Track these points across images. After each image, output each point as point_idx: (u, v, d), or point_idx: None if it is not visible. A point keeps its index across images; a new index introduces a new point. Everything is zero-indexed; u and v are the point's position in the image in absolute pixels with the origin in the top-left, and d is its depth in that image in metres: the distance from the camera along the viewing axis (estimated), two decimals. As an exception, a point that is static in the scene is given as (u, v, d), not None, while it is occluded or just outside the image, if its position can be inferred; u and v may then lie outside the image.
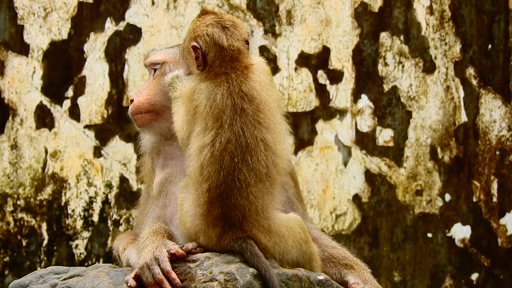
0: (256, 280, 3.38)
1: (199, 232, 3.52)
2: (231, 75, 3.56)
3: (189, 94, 3.60)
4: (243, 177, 3.45)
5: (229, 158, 3.46)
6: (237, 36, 3.63)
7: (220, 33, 3.61)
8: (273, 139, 3.52)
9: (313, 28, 5.87)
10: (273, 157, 3.51)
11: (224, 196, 3.45)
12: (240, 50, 3.62)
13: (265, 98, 3.56)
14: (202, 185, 3.48)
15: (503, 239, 5.77)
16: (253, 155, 3.47)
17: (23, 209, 5.83)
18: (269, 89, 3.60)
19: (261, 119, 3.52)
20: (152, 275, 3.41)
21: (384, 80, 5.85)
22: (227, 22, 3.64)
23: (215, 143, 3.48)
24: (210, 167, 3.47)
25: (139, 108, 4.01)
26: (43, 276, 3.65)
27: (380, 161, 5.82)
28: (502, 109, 5.81)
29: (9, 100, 5.89)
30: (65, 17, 5.91)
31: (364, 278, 3.81)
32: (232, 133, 3.48)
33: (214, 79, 3.57)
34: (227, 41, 3.60)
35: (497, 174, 5.79)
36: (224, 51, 3.60)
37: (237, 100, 3.51)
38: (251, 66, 3.61)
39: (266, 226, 3.48)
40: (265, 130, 3.51)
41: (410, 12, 5.85)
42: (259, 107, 3.53)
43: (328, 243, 3.93)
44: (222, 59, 3.60)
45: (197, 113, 3.55)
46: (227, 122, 3.49)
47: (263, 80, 3.60)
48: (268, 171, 3.49)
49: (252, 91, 3.54)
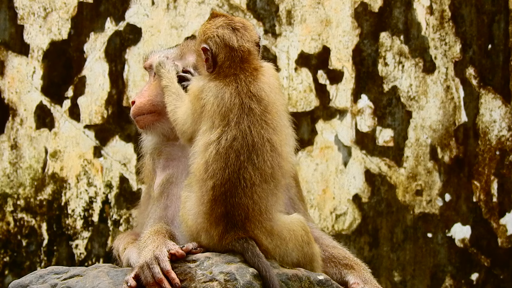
0: (256, 280, 3.38)
1: (201, 231, 3.52)
2: (240, 76, 3.58)
3: (197, 93, 3.61)
4: (249, 176, 3.45)
5: (235, 156, 3.46)
6: (248, 37, 3.65)
7: (230, 34, 3.63)
8: (280, 141, 3.53)
9: (313, 28, 5.87)
10: (279, 159, 3.52)
11: (228, 194, 3.45)
12: (250, 52, 3.63)
13: (273, 100, 3.58)
14: (206, 183, 3.48)
15: (503, 239, 5.77)
16: (259, 155, 3.47)
17: (23, 209, 5.83)
18: (277, 92, 3.62)
19: (269, 120, 3.53)
20: (152, 275, 3.41)
21: (384, 80, 5.85)
22: (237, 24, 3.66)
23: (221, 140, 3.48)
24: (215, 164, 3.47)
25: (141, 109, 4.01)
26: (43, 276, 3.65)
27: (380, 161, 5.82)
28: (502, 109, 5.82)
29: (9, 100, 5.89)
30: (65, 17, 5.91)
31: (364, 278, 3.82)
32: (239, 131, 3.49)
33: (223, 79, 3.59)
34: (237, 42, 3.62)
35: (497, 174, 5.79)
36: (234, 52, 3.61)
37: (245, 99, 3.53)
38: (260, 69, 3.64)
39: (268, 228, 3.48)
40: (272, 131, 3.53)
41: (410, 12, 5.85)
42: (267, 108, 3.54)
43: (329, 243, 3.93)
44: (232, 60, 3.61)
45: (204, 111, 3.56)
46: (234, 120, 3.50)
47: (272, 82, 3.62)
48: (273, 172, 3.50)
49: (260, 92, 3.56)
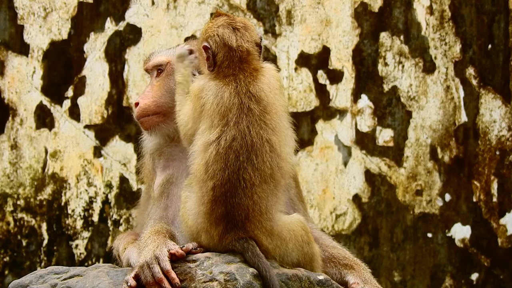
0: (256, 280, 3.38)
1: (201, 231, 3.52)
2: (240, 76, 3.58)
3: (197, 92, 3.61)
4: (248, 176, 3.45)
5: (234, 156, 3.47)
6: (247, 37, 3.65)
7: (230, 34, 3.63)
8: (279, 141, 3.53)
9: (313, 28, 5.87)
10: (278, 160, 3.51)
11: (228, 195, 3.45)
12: (249, 52, 3.63)
13: (272, 101, 3.57)
14: (206, 183, 3.48)
15: (503, 239, 5.77)
16: (258, 155, 3.47)
17: (23, 209, 5.83)
18: (277, 93, 3.61)
19: (268, 121, 3.53)
20: (152, 274, 3.41)
21: (384, 80, 5.85)
22: (238, 23, 3.66)
23: (220, 140, 3.48)
24: (215, 165, 3.47)
25: (145, 110, 4.00)
26: (43, 276, 3.65)
27: (380, 161, 5.82)
28: (502, 109, 5.81)
29: (9, 100, 5.89)
30: (65, 17, 5.91)
31: (364, 278, 3.82)
32: (238, 131, 3.49)
33: (223, 79, 3.59)
34: (236, 42, 3.62)
35: (497, 174, 5.79)
36: (233, 51, 3.62)
37: (244, 99, 3.53)
38: (261, 69, 3.63)
39: (268, 228, 3.48)
40: (271, 131, 3.52)
41: (410, 12, 5.85)
42: (266, 109, 3.54)
43: (329, 243, 3.93)
44: (231, 59, 3.61)
45: (204, 110, 3.56)
46: (233, 120, 3.50)
47: (272, 83, 3.61)
48: (273, 172, 3.50)
49: (260, 92, 3.55)
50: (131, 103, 5.82)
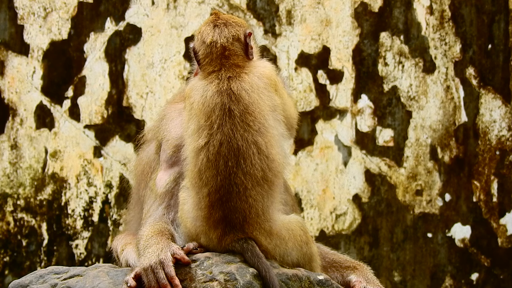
0: (256, 280, 3.38)
1: (200, 233, 3.51)
2: (221, 73, 3.54)
3: (188, 92, 3.61)
4: (240, 181, 3.42)
5: (224, 162, 3.43)
6: (225, 33, 3.59)
7: (208, 31, 3.60)
8: (265, 143, 3.45)
9: (313, 28, 5.87)
10: (267, 161, 3.45)
11: (224, 200, 3.43)
12: (225, 48, 3.58)
13: (255, 100, 3.48)
14: (202, 190, 3.46)
15: (503, 239, 5.77)
16: (246, 158, 3.42)
17: (23, 209, 5.83)
18: (263, 92, 3.52)
19: (251, 122, 3.45)
20: (156, 280, 3.39)
21: (384, 80, 5.85)
22: (219, 21, 3.62)
23: (209, 146, 3.44)
24: (207, 172, 3.44)
25: None
26: (43, 276, 3.65)
27: (380, 161, 5.82)
28: (502, 109, 5.81)
29: (9, 100, 5.89)
30: (65, 17, 5.91)
31: (367, 277, 3.81)
32: (223, 135, 3.44)
33: (207, 77, 3.57)
34: (211, 38, 3.58)
35: (497, 174, 5.79)
36: (208, 48, 3.58)
37: (225, 99, 3.46)
38: (245, 66, 3.57)
39: (267, 229, 3.47)
40: (255, 133, 3.45)
41: (410, 12, 5.85)
42: (248, 109, 3.46)
43: (328, 250, 3.94)
44: (210, 57, 3.58)
45: (192, 110, 3.54)
46: (217, 122, 3.45)
47: (256, 82, 3.53)
48: (264, 174, 3.45)
49: (240, 91, 3.48)
50: (131, 103, 5.83)
